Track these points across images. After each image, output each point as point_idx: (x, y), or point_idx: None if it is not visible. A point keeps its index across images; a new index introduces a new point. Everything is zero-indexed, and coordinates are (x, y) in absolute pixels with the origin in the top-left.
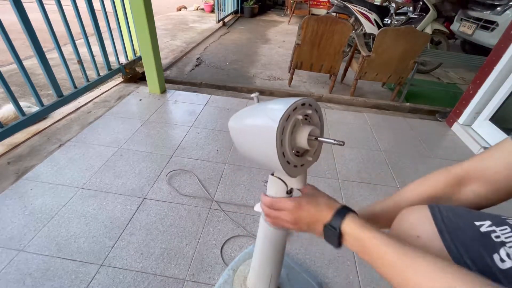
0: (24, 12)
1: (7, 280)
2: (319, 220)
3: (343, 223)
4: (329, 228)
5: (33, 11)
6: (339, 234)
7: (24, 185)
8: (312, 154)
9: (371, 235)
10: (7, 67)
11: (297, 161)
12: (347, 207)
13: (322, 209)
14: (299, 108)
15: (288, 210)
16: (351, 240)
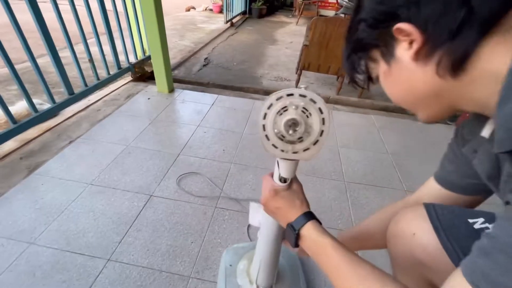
0: (39, 11)
1: (18, 271)
2: (284, 217)
3: (303, 227)
4: (290, 228)
5: (47, 10)
6: (296, 235)
7: (35, 180)
8: (302, 149)
9: (327, 240)
10: (20, 65)
11: (280, 144)
12: (313, 214)
13: (290, 209)
14: (285, 97)
15: (264, 191)
16: (307, 242)
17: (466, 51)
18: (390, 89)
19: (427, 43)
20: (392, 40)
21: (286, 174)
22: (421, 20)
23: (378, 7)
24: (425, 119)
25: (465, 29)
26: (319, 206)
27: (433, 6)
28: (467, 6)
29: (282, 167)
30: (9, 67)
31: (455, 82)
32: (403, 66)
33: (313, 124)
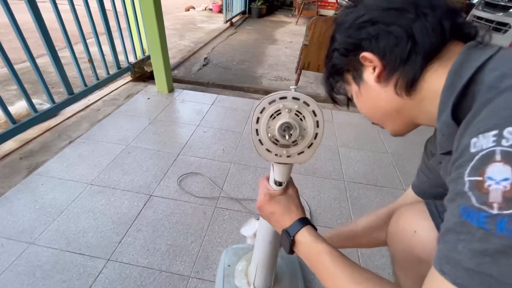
0: (38, 11)
1: (18, 271)
2: (279, 222)
3: (298, 232)
4: (285, 234)
5: (46, 10)
6: (291, 241)
7: (35, 180)
8: (296, 153)
9: (321, 245)
10: (20, 65)
11: (273, 148)
12: (308, 220)
13: (284, 215)
14: (277, 101)
15: (260, 196)
16: (301, 248)
17: (415, 74)
18: (361, 107)
19: (385, 68)
20: (360, 66)
21: (280, 178)
22: (380, 50)
23: (347, 40)
24: (392, 133)
25: (412, 58)
26: (319, 206)
27: (388, 39)
28: (412, 40)
29: (277, 171)
30: (8, 67)
31: (410, 100)
32: (369, 88)
33: (307, 127)
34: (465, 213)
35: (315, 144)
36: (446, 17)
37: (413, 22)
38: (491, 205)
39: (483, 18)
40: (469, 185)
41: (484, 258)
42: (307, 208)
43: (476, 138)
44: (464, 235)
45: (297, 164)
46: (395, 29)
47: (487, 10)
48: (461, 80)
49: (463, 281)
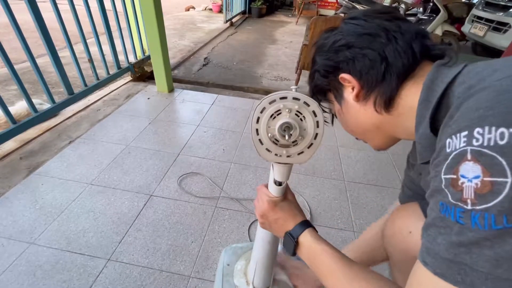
0: (38, 11)
1: (18, 271)
2: (283, 226)
3: (302, 235)
4: (288, 236)
5: (46, 10)
6: (295, 243)
7: (35, 180)
8: (296, 153)
9: (321, 247)
10: (20, 65)
11: (273, 148)
12: (309, 222)
13: (288, 219)
14: (278, 101)
15: (263, 203)
16: (304, 249)
17: (391, 92)
18: (344, 123)
19: (363, 88)
20: (340, 86)
21: (280, 178)
22: (357, 71)
23: (326, 62)
24: (374, 147)
25: (387, 78)
26: (319, 206)
27: (363, 61)
28: (386, 62)
29: (277, 171)
30: (8, 67)
31: (389, 116)
32: (350, 106)
33: (307, 128)
34: (443, 208)
35: (315, 144)
36: (415, 40)
37: (385, 46)
38: (465, 201)
39: (483, 18)
40: (445, 183)
41: (459, 249)
42: (307, 208)
43: (450, 138)
44: (444, 229)
45: (297, 164)
46: (369, 52)
47: (487, 10)
48: (434, 94)
49: (442, 270)
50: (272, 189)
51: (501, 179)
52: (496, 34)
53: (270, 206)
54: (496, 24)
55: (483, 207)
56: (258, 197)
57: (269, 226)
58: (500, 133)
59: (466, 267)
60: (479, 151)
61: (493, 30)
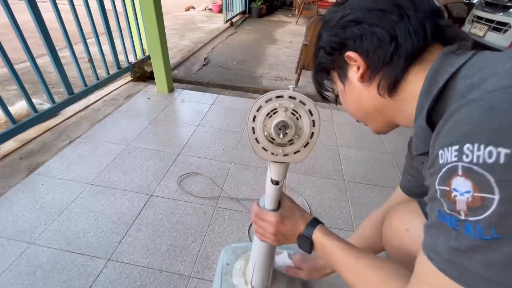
0: (38, 11)
1: (18, 271)
2: (296, 231)
3: (313, 233)
4: (303, 238)
5: (46, 10)
6: (311, 243)
7: (35, 180)
8: (292, 152)
9: (332, 242)
10: (20, 65)
11: (270, 147)
12: (317, 219)
13: (298, 223)
14: (274, 99)
15: (271, 223)
16: (318, 246)
17: (397, 76)
18: (346, 104)
19: (369, 68)
20: (345, 65)
21: (277, 177)
22: (363, 50)
23: (332, 38)
24: (374, 130)
25: (395, 60)
26: (319, 206)
27: (372, 40)
28: (395, 42)
29: (273, 170)
30: (8, 67)
31: (391, 101)
32: (353, 86)
33: (303, 127)
34: (440, 215)
35: (311, 143)
36: (428, 20)
37: (396, 24)
38: (459, 212)
39: (483, 17)
40: (440, 193)
41: (458, 253)
42: (307, 207)
43: (443, 150)
44: (443, 232)
45: (294, 163)
46: (379, 30)
47: (487, 9)
48: (437, 85)
49: (444, 267)
50: (269, 189)
51: (489, 195)
52: (496, 34)
53: (279, 223)
54: (496, 24)
55: (474, 219)
56: (261, 222)
57: (284, 239)
58: (488, 152)
59: (464, 268)
60: (470, 168)
61: (493, 30)
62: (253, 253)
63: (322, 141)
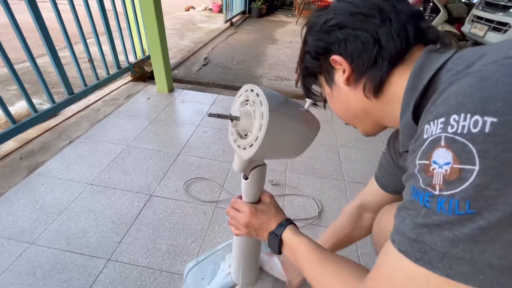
0: (38, 11)
1: (18, 271)
2: (267, 228)
3: (284, 232)
4: (273, 235)
5: (46, 10)
6: (279, 240)
7: (35, 180)
8: (243, 147)
9: (299, 239)
10: (20, 65)
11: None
12: (290, 220)
13: (270, 220)
14: (243, 93)
15: (244, 213)
16: (287, 246)
17: (381, 78)
18: (334, 107)
19: (354, 71)
20: (331, 68)
21: (237, 168)
22: (348, 54)
23: (317, 43)
24: (363, 132)
25: (379, 62)
26: (319, 206)
27: (356, 44)
28: (378, 45)
29: (235, 158)
30: (8, 67)
31: (378, 102)
32: (340, 90)
33: (254, 127)
34: (414, 192)
35: (254, 145)
36: (410, 22)
37: (379, 27)
38: (434, 187)
39: (483, 17)
40: (418, 168)
41: (422, 230)
42: (316, 206)
43: (428, 125)
44: (412, 212)
45: (298, 164)
46: (362, 34)
47: (487, 9)
48: (421, 82)
49: (406, 248)
50: (242, 186)
51: (469, 166)
52: (496, 34)
53: (252, 213)
54: (496, 24)
55: (449, 193)
56: (234, 213)
57: (255, 233)
58: (474, 121)
59: (426, 246)
60: (452, 138)
61: (493, 30)
62: (237, 252)
63: (322, 141)
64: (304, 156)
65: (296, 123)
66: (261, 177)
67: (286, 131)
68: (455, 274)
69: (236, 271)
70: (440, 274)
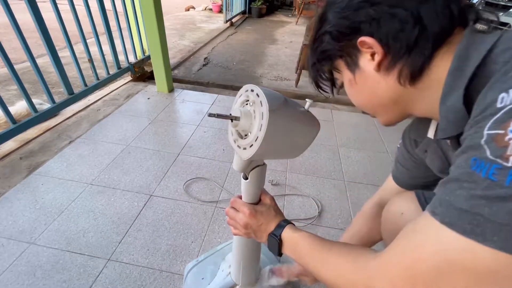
0: (38, 11)
1: (18, 271)
2: (266, 230)
3: (283, 231)
4: (272, 237)
5: (46, 10)
6: (279, 241)
7: (35, 180)
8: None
9: (299, 234)
10: (20, 65)
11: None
12: (288, 220)
13: (270, 222)
14: (243, 93)
15: (244, 214)
16: (287, 244)
17: (424, 62)
18: (355, 95)
19: (388, 56)
20: (356, 51)
21: (237, 167)
22: (382, 35)
23: (342, 22)
24: (384, 122)
25: (421, 44)
26: (319, 206)
27: (392, 23)
28: (420, 24)
29: (235, 158)
30: (8, 67)
31: (412, 89)
32: (367, 75)
33: (254, 127)
34: (475, 164)
35: (254, 145)
36: (453, 0)
37: (420, 4)
38: (507, 158)
39: None
40: (486, 138)
41: (480, 201)
42: (316, 206)
43: (506, 93)
44: (468, 184)
45: (298, 164)
46: (400, 12)
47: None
48: (469, 63)
49: (451, 219)
50: (242, 186)
51: None
52: None
53: (252, 214)
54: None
55: None
56: (233, 213)
57: (254, 234)
58: None
59: (481, 217)
60: None
61: None
62: (237, 252)
63: (322, 141)
64: (304, 156)
65: (296, 123)
66: (261, 177)
67: (286, 131)
68: (511, 247)
69: (236, 271)
70: (493, 247)
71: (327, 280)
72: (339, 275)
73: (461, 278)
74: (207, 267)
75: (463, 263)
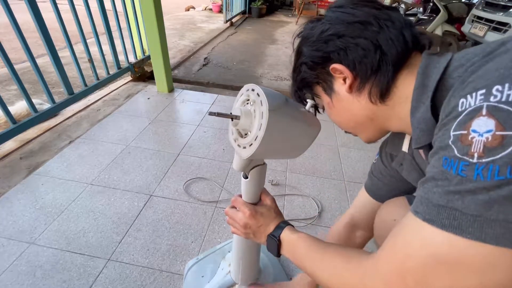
0: (38, 11)
1: (18, 271)
2: (265, 231)
3: (282, 233)
4: (271, 237)
5: (46, 10)
6: (278, 242)
7: (35, 180)
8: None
9: (298, 235)
10: (20, 65)
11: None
12: (287, 222)
13: (269, 223)
14: (244, 93)
15: (244, 214)
16: (286, 245)
17: (388, 81)
18: (335, 116)
19: (357, 79)
20: (330, 77)
21: (236, 167)
22: (349, 62)
23: (315, 53)
24: (366, 140)
25: (383, 67)
26: (319, 206)
27: (357, 51)
28: (380, 50)
29: (235, 157)
30: (8, 67)
31: (384, 106)
32: (342, 98)
33: (254, 127)
34: (446, 163)
35: (254, 145)
36: (405, 28)
37: (378, 34)
38: (472, 155)
39: (483, 17)
40: (453, 139)
41: (454, 196)
42: (316, 206)
43: (465, 98)
44: (442, 181)
45: (298, 164)
46: (362, 41)
47: (487, 10)
48: (431, 79)
49: (431, 216)
50: (242, 185)
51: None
52: (496, 34)
53: (252, 214)
54: (496, 24)
55: (489, 160)
56: (233, 213)
57: (253, 235)
58: None
59: (456, 211)
60: (496, 106)
61: (493, 30)
62: (237, 251)
63: (322, 141)
64: (304, 156)
65: (296, 123)
66: (261, 176)
67: (286, 131)
68: (485, 237)
69: (236, 270)
70: (470, 238)
71: (323, 280)
72: (333, 274)
73: (446, 271)
74: (207, 265)
75: (447, 256)
